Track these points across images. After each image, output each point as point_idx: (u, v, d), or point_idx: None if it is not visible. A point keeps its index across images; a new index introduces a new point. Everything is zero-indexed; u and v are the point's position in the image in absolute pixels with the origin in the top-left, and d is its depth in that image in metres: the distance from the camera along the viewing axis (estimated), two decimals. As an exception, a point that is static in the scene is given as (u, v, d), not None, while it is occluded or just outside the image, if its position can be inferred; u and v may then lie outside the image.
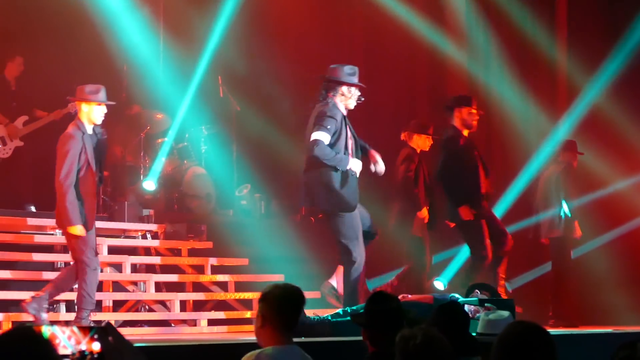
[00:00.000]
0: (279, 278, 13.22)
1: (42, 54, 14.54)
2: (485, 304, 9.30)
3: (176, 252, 13.16)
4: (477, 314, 8.63)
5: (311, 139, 9.95)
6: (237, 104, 15.00)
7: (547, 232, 12.71)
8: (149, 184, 13.58)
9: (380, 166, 10.39)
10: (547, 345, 3.95)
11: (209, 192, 14.24)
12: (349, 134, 10.20)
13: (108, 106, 10.25)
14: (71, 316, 10.39)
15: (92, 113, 10.03)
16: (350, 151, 10.15)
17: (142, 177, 13.67)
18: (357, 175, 10.16)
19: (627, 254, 13.36)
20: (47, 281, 11.52)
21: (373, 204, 11.30)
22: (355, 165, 10.07)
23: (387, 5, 15.46)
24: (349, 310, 9.48)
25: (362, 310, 6.20)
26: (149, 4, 15.07)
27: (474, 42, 15.83)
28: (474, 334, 6.21)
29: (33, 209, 13.22)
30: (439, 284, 13.48)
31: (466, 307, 8.91)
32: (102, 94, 10.15)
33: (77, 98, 10.19)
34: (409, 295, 10.24)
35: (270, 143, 15.16)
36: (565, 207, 12.27)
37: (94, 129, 10.13)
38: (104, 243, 12.07)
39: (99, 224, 11.88)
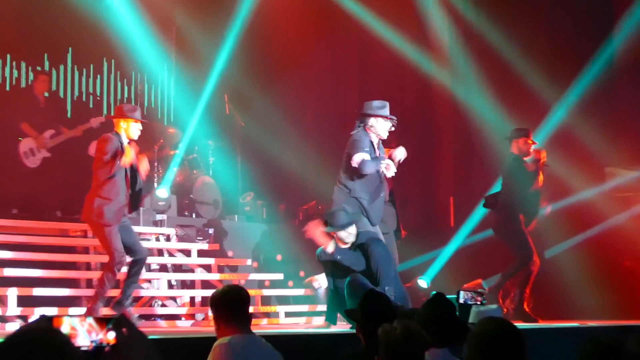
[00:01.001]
0: (278, 277, 13.31)
1: (67, 74, 14.61)
2: (479, 290, 9.37)
3: (186, 253, 13.17)
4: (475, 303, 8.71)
5: (355, 162, 10.05)
6: (241, 120, 15.01)
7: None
8: (162, 192, 13.58)
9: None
10: (515, 341, 3.91)
11: (216, 199, 14.26)
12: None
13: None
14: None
15: (130, 129, 9.99)
16: (381, 186, 10.31)
17: (156, 185, 13.68)
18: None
19: (592, 256, 13.35)
20: (70, 279, 11.63)
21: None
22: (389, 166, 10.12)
23: (379, 31, 15.52)
24: None
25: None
26: (163, 30, 15.12)
27: (455, 63, 15.84)
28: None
29: (59, 214, 13.27)
30: (423, 282, 13.55)
31: (462, 295, 8.94)
32: (138, 113, 10.15)
33: (116, 115, 10.16)
34: None
35: (271, 155, 15.20)
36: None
37: (129, 144, 10.10)
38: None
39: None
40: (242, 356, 5.34)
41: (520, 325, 10.36)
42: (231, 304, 5.64)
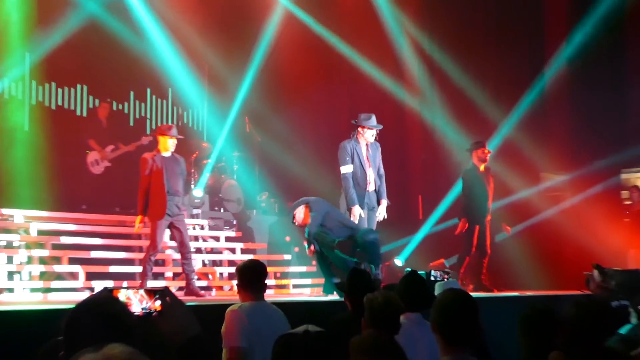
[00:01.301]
0: (287, 257, 13.29)
1: (123, 101, 14.61)
2: (446, 270, 9.39)
3: (216, 239, 13.17)
4: (443, 279, 8.72)
5: (342, 173, 10.24)
6: (258, 136, 15.00)
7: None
8: (198, 192, 13.56)
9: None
10: (468, 305, 3.85)
11: (239, 197, 14.23)
12: (365, 163, 10.31)
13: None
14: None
15: (166, 143, 10.11)
16: (365, 177, 10.30)
17: (192, 187, 13.67)
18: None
19: (530, 241, 13.33)
20: (126, 259, 11.64)
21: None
22: (355, 213, 10.11)
23: (364, 68, 15.53)
24: None
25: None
26: (199, 68, 15.13)
27: (423, 92, 15.85)
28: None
29: (117, 209, 13.27)
30: (398, 262, 13.52)
31: (433, 273, 8.95)
32: (174, 130, 10.30)
33: (157, 133, 10.34)
34: None
35: (281, 163, 15.18)
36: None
37: (172, 155, 10.19)
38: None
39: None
40: (250, 319, 5.29)
41: (480, 295, 10.45)
42: (249, 275, 5.60)
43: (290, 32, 15.38)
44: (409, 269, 9.51)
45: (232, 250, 13.04)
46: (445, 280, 8.67)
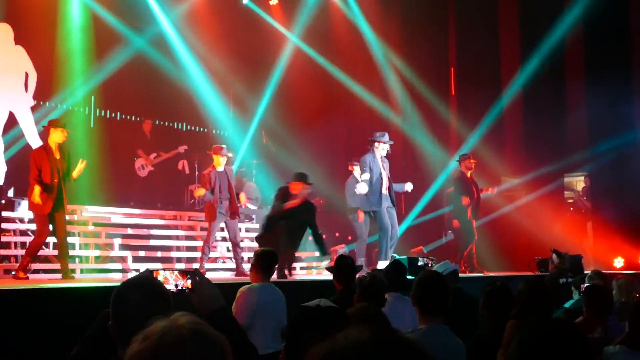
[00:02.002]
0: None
1: (163, 118, 14.63)
2: (431, 257, 9.36)
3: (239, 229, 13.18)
4: (428, 264, 8.70)
5: (362, 179, 10.28)
6: (273, 147, 15.04)
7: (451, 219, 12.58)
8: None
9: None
10: (442, 283, 3.84)
11: (257, 196, 14.23)
12: (384, 174, 10.32)
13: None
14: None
15: (218, 159, 10.03)
16: (382, 183, 10.29)
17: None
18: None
19: (492, 231, 13.32)
20: (166, 247, 11.63)
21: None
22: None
23: (357, 92, 15.56)
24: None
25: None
26: (225, 92, 15.15)
27: (404, 111, 15.85)
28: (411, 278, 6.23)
29: (159, 205, 13.29)
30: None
31: (421, 259, 8.94)
32: (224, 150, 10.22)
33: (212, 152, 10.24)
34: None
35: (291, 168, 15.10)
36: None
37: (224, 169, 10.13)
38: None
39: (199, 214, 11.98)
40: (257, 297, 5.36)
41: (472, 275, 10.45)
42: (265, 261, 5.62)
43: (299, 63, 15.39)
44: (395, 256, 9.52)
45: (251, 239, 12.99)
46: (431, 264, 8.65)
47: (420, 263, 8.80)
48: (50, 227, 8.41)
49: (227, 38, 14.63)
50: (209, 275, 10.10)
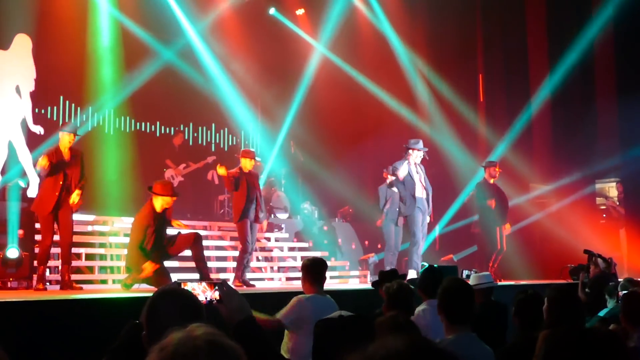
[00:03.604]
0: (324, 254, 13.19)
1: (192, 129, 14.73)
2: (474, 270, 9.20)
3: (268, 239, 13.11)
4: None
5: (398, 175, 10.40)
6: (301, 157, 15.05)
7: (476, 226, 12.54)
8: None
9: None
10: (467, 292, 3.83)
11: (286, 206, 14.23)
12: (417, 177, 10.36)
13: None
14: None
15: (246, 162, 9.85)
16: (415, 188, 10.35)
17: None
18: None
19: (523, 239, 13.19)
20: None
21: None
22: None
23: (385, 99, 15.55)
24: None
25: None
26: (253, 102, 15.26)
27: (432, 118, 15.80)
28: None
29: (189, 215, 13.33)
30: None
31: (465, 272, 8.80)
32: (253, 153, 10.16)
33: (241, 155, 10.09)
34: None
35: (319, 178, 15.20)
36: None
37: (250, 172, 9.95)
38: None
39: (229, 225, 12.02)
40: (314, 308, 5.23)
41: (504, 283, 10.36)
42: (313, 270, 5.52)
43: (326, 72, 15.44)
44: (426, 264, 9.44)
45: (281, 248, 12.98)
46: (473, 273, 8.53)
47: (463, 276, 8.68)
48: (56, 230, 8.32)
49: (254, 48, 14.71)
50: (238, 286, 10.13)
